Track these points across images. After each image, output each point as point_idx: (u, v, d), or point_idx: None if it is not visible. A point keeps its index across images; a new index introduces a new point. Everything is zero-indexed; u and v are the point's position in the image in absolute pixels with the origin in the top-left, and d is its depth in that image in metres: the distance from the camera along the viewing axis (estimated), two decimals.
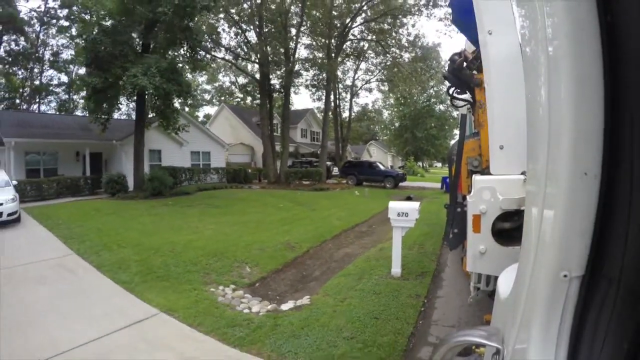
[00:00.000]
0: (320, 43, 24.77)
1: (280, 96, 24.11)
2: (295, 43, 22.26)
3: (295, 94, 30.08)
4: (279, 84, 23.40)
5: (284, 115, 23.12)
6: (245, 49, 23.01)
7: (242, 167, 23.05)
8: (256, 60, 21.93)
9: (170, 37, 13.66)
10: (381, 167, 25.15)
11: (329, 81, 23.89)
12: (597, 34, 0.59)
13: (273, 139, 22.45)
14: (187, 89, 13.72)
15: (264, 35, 21.19)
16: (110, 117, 14.57)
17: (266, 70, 21.30)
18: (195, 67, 15.04)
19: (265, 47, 20.90)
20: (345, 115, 32.64)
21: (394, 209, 5.33)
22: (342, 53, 25.34)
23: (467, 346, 0.87)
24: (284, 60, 21.78)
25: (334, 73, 23.90)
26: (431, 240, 7.80)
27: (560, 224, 0.65)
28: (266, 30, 21.47)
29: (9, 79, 33.37)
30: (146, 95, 13.59)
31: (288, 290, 5.68)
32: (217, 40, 21.77)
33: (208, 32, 19.10)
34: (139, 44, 14.50)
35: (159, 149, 18.70)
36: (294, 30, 22.50)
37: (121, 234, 8.40)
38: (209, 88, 42.04)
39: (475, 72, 2.89)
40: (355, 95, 33.35)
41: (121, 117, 23.69)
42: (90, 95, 13.49)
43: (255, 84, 23.50)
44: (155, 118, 15.44)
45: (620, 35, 0.57)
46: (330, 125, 28.75)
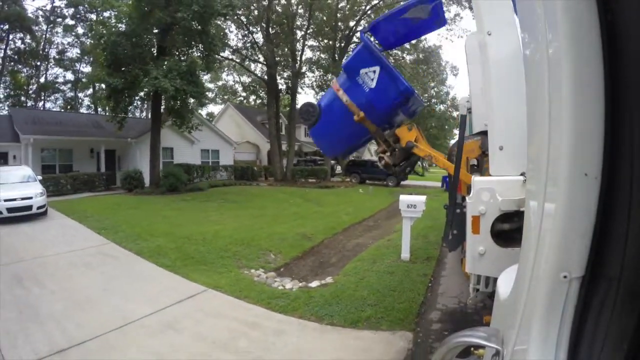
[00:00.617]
0: (324, 44, 25.40)
1: (286, 96, 24.81)
2: (302, 45, 23.00)
3: (299, 94, 30.73)
4: (285, 86, 24.09)
5: (290, 116, 23.89)
6: (252, 51, 23.65)
7: (249, 165, 23.78)
8: (265, 62, 22.59)
9: (186, 40, 14.35)
10: None
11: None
12: (597, 34, 0.58)
13: (280, 138, 23.19)
14: (203, 90, 14.44)
15: (271, 37, 21.87)
16: (126, 116, 15.29)
17: (273, 72, 22.01)
18: (209, 69, 15.73)
19: (272, 50, 21.58)
20: None
21: (404, 202, 6.16)
22: (346, 55, 26.00)
23: (467, 347, 0.88)
24: (290, 62, 22.48)
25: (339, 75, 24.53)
26: (434, 233, 8.56)
27: (561, 224, 0.65)
28: (272, 31, 22.12)
29: (15, 76, 33.83)
30: (163, 95, 14.29)
31: (310, 273, 6.42)
32: (225, 41, 22.39)
33: (217, 34, 19.72)
34: (154, 46, 15.18)
35: (171, 147, 19.39)
36: (300, 33, 23.22)
37: (150, 225, 9.07)
38: (212, 87, 42.70)
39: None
40: None
41: (130, 116, 24.30)
42: (109, 94, 14.21)
43: (262, 83, 24.18)
44: (167, 117, 16.09)
45: (621, 35, 0.56)
46: None
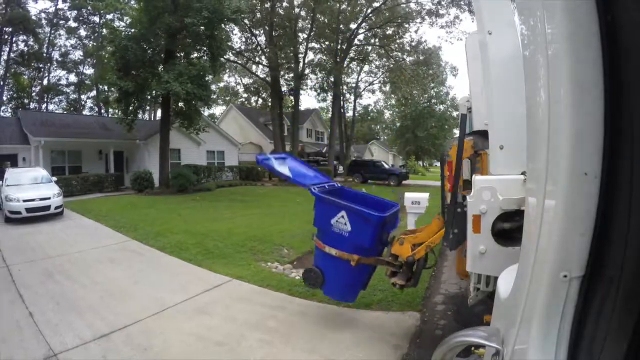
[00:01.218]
0: (326, 46, 25.89)
1: (289, 98, 25.32)
2: (305, 48, 23.46)
3: (301, 95, 31.25)
4: (288, 88, 24.59)
5: (293, 117, 24.36)
6: (255, 53, 24.14)
7: (254, 166, 24.25)
8: (268, 64, 23.08)
9: (194, 45, 14.82)
10: (385, 166, 26.35)
11: (337, 84, 25.09)
12: (597, 33, 0.58)
13: (284, 139, 23.68)
14: (211, 92, 14.91)
15: (274, 39, 22.33)
16: (136, 118, 15.72)
17: (277, 74, 22.48)
18: (215, 72, 16.19)
19: (276, 52, 22.03)
20: (349, 115, 33.82)
21: (408, 198, 6.60)
22: (348, 57, 26.50)
23: (467, 347, 0.87)
24: (293, 64, 22.96)
25: (341, 76, 25.09)
26: None
27: (561, 224, 0.65)
28: (275, 34, 22.57)
29: (17, 79, 34.22)
30: (172, 98, 14.75)
31: None
32: (228, 43, 22.87)
33: (224, 38, 20.20)
34: (163, 50, 15.62)
35: (179, 148, 19.77)
36: (302, 35, 23.70)
37: (166, 223, 9.49)
38: (213, 88, 43.05)
39: None
40: (358, 96, 34.57)
41: (138, 118, 24.74)
42: (120, 97, 14.65)
43: (264, 84, 24.68)
44: (175, 119, 16.51)
45: (621, 35, 0.56)
46: None
